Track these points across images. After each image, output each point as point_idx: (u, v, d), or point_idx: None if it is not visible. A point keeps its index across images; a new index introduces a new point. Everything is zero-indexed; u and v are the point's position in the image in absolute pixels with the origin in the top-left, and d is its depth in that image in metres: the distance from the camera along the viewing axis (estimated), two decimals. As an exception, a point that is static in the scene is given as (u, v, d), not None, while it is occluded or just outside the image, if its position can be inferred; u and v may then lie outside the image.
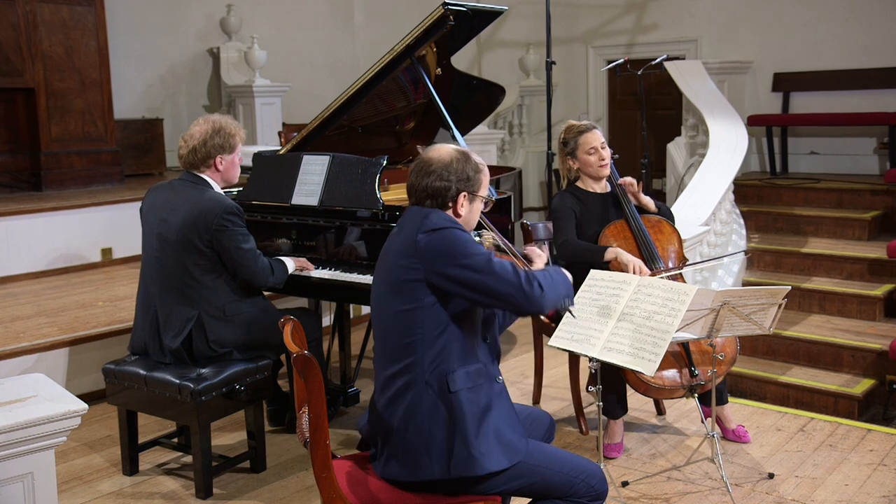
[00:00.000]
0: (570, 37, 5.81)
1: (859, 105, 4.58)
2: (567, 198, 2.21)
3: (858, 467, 2.07)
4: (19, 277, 3.32)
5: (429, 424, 1.32)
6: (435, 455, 1.31)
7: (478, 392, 1.35)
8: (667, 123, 5.16)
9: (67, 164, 4.02)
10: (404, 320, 1.33)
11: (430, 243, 1.31)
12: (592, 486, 1.36)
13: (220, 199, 1.97)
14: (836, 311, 3.70)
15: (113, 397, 2.05)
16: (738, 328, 1.84)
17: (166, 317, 1.99)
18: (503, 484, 1.34)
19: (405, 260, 1.32)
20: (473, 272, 1.30)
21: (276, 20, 5.19)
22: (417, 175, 1.39)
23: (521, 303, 1.31)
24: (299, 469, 2.10)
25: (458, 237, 1.32)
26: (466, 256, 1.30)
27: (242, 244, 1.96)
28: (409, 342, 1.33)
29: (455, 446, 1.31)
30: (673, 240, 2.21)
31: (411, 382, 1.33)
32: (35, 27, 3.86)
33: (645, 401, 2.45)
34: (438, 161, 1.38)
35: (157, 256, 2.00)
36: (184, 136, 2.02)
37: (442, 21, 2.25)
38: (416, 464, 1.32)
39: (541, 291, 1.32)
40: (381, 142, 2.83)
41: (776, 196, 4.42)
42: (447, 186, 1.37)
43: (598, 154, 2.17)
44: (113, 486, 2.04)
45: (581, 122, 2.22)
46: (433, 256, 1.31)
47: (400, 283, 1.33)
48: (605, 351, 1.63)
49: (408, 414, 1.33)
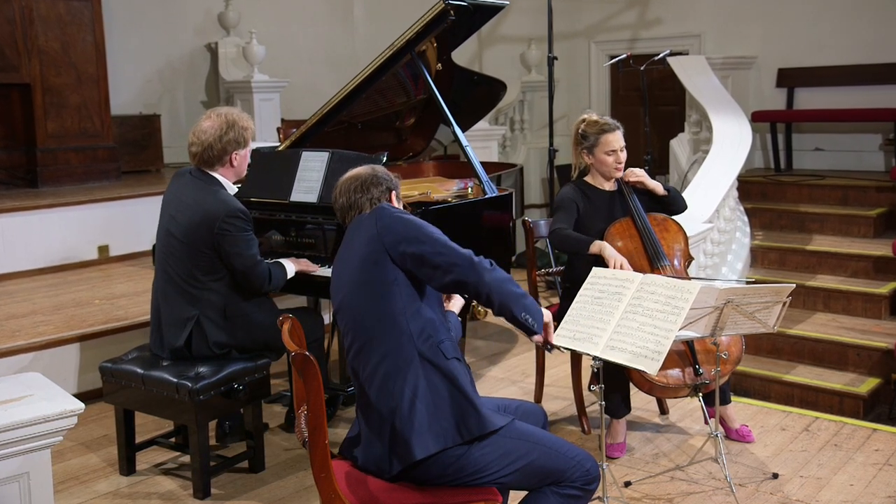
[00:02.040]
0: (572, 32, 5.78)
1: (865, 101, 4.54)
2: (573, 190, 2.18)
3: (864, 467, 2.06)
4: (15, 275, 3.30)
5: (433, 396, 1.33)
6: (446, 424, 1.32)
7: (462, 363, 1.40)
8: (670, 119, 5.13)
9: (64, 161, 4.00)
10: (383, 299, 1.36)
11: (388, 226, 1.38)
12: (587, 469, 1.37)
13: (226, 201, 1.94)
14: (841, 309, 3.68)
15: (110, 396, 2.04)
16: (742, 326, 1.83)
17: (168, 314, 1.98)
18: (499, 466, 1.33)
19: (369, 249, 1.38)
20: (424, 244, 1.36)
21: (275, 15, 5.16)
22: (339, 194, 1.49)
23: (467, 272, 1.36)
24: (298, 469, 2.09)
25: (412, 219, 1.40)
26: (423, 234, 1.37)
27: (243, 250, 1.94)
28: (394, 320, 1.36)
29: (464, 410, 1.33)
30: (679, 238, 2.19)
31: (404, 361, 1.34)
32: (31, 22, 3.83)
33: (648, 400, 2.43)
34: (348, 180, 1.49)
35: (164, 253, 2.00)
36: (194, 130, 1.98)
37: (442, 16, 2.24)
38: (427, 438, 1.32)
39: (489, 265, 1.38)
40: (381, 138, 2.82)
41: (780, 193, 4.39)
42: (362, 200, 1.47)
43: (617, 157, 2.14)
44: (110, 486, 2.03)
45: (605, 119, 2.17)
46: (393, 236, 1.37)
47: (370, 270, 1.37)
48: (607, 350, 1.61)
49: (410, 393, 1.33)
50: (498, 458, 1.33)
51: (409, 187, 2.67)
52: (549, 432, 1.43)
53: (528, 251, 2.45)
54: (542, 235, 2.46)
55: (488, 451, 1.33)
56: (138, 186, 3.96)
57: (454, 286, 1.38)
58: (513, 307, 1.37)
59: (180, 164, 4.77)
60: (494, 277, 1.36)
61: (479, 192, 2.44)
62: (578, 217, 2.15)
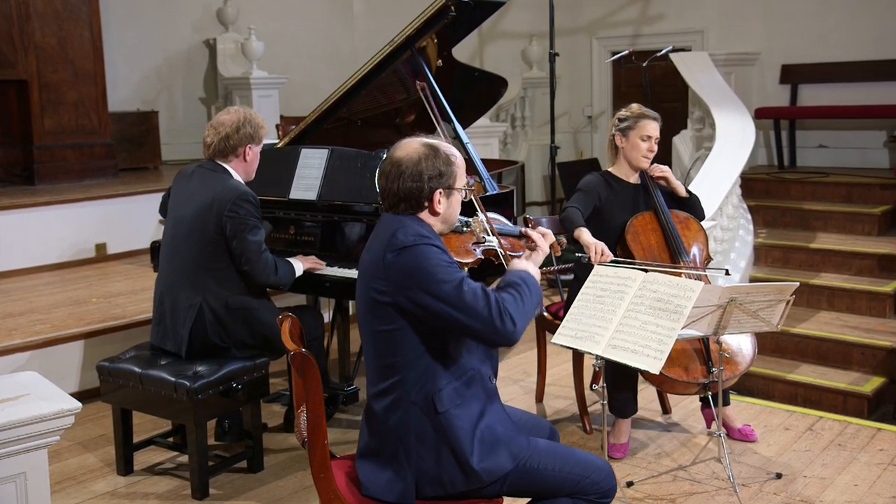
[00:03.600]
0: (573, 28, 5.74)
1: (869, 97, 4.51)
2: (598, 179, 2.18)
3: (868, 467, 2.04)
4: (12, 273, 3.28)
5: (416, 446, 1.27)
6: (427, 477, 1.27)
7: (468, 406, 1.30)
8: (672, 116, 5.08)
9: (61, 158, 3.98)
10: (383, 341, 1.29)
11: (397, 264, 1.24)
12: (598, 482, 1.32)
13: (236, 187, 1.98)
14: (845, 307, 3.65)
15: (107, 396, 2.03)
16: (746, 325, 1.82)
17: (173, 302, 1.98)
18: (505, 486, 1.30)
19: (376, 282, 1.27)
20: (441, 302, 1.22)
21: (274, 10, 5.13)
22: (387, 178, 1.30)
23: (490, 337, 1.24)
24: (297, 469, 2.08)
25: (426, 258, 1.24)
26: (435, 283, 1.22)
27: (248, 235, 1.95)
28: (391, 363, 1.29)
29: (447, 466, 1.27)
30: (699, 237, 2.18)
31: (397, 401, 1.29)
32: (28, 18, 3.80)
33: (650, 399, 2.41)
34: (407, 160, 1.29)
35: (171, 241, 2.01)
36: (212, 124, 2.03)
37: (443, 11, 2.23)
38: (426, 484, 1.27)
39: (513, 327, 1.24)
40: (380, 135, 2.80)
41: (784, 190, 4.36)
42: (419, 187, 1.29)
43: (650, 144, 2.14)
44: (107, 486, 2.02)
45: (646, 109, 2.18)
46: (401, 279, 1.24)
47: (373, 304, 1.28)
48: (609, 348, 1.60)
49: (399, 431, 1.29)
50: (507, 481, 1.30)
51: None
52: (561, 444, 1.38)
53: (529, 249, 2.43)
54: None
55: (497, 487, 1.30)
56: (136, 184, 3.95)
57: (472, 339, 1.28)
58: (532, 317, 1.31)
59: (178, 160, 4.75)
60: (520, 330, 1.25)
61: (479, 189, 2.42)
62: (600, 206, 2.13)
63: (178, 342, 1.97)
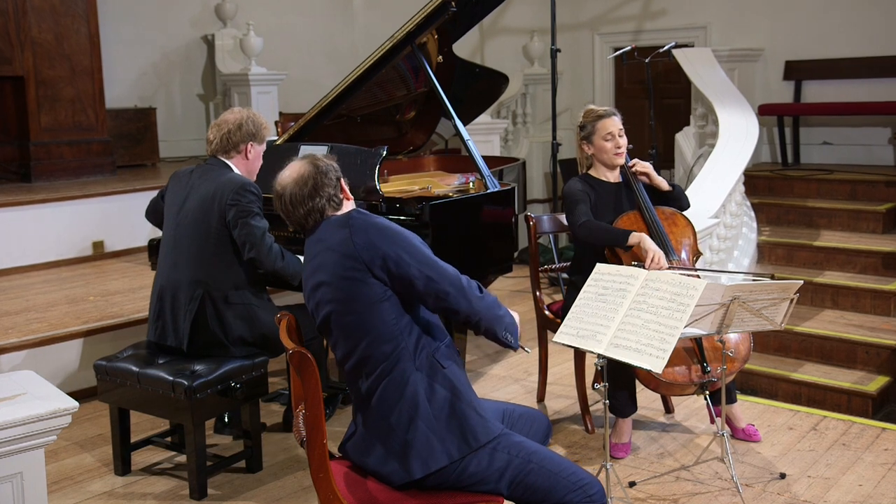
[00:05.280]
0: (575, 23, 5.71)
1: (874, 94, 4.48)
2: (581, 182, 2.16)
3: (872, 467, 2.03)
4: (8, 271, 3.27)
5: (435, 411, 1.31)
6: (449, 438, 1.29)
7: (458, 365, 1.37)
8: (675, 113, 5.07)
9: (57, 155, 3.96)
10: (371, 319, 1.32)
11: (369, 244, 1.31)
12: (590, 495, 1.31)
13: (238, 177, 2.00)
14: (849, 306, 3.63)
15: (104, 395, 2.02)
16: (749, 324, 1.80)
17: (174, 295, 1.97)
18: (493, 479, 1.30)
19: (348, 265, 1.31)
20: (416, 270, 1.31)
21: (273, 6, 5.10)
22: (293, 206, 1.39)
23: (459, 300, 1.33)
24: (296, 469, 2.07)
25: (393, 234, 1.33)
26: (409, 256, 1.31)
27: (251, 220, 1.96)
28: (387, 338, 1.32)
29: (468, 417, 1.31)
30: (687, 233, 2.15)
31: (402, 378, 1.31)
32: (24, 13, 3.78)
33: (653, 398, 2.39)
34: (295, 186, 1.39)
35: (172, 235, 2.01)
36: (215, 122, 2.06)
37: (444, 7, 2.21)
38: (427, 458, 1.29)
39: (480, 293, 1.35)
40: (380, 131, 2.78)
41: (788, 187, 4.33)
42: (321, 204, 1.38)
43: (615, 141, 2.11)
44: (104, 486, 2.01)
45: (601, 107, 2.16)
46: (373, 253, 1.31)
47: (351, 288, 1.31)
48: (611, 347, 1.58)
49: (410, 411, 1.30)
50: (492, 470, 1.30)
51: (410, 182, 2.63)
52: (550, 449, 1.40)
53: (530, 247, 2.41)
54: (545, 231, 2.43)
55: (484, 462, 1.31)
56: (133, 181, 3.93)
57: (444, 312, 1.36)
58: (497, 330, 1.38)
59: (176, 157, 4.73)
60: (485, 305, 1.35)
61: (480, 186, 2.40)
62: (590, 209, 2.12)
63: (179, 336, 1.96)
